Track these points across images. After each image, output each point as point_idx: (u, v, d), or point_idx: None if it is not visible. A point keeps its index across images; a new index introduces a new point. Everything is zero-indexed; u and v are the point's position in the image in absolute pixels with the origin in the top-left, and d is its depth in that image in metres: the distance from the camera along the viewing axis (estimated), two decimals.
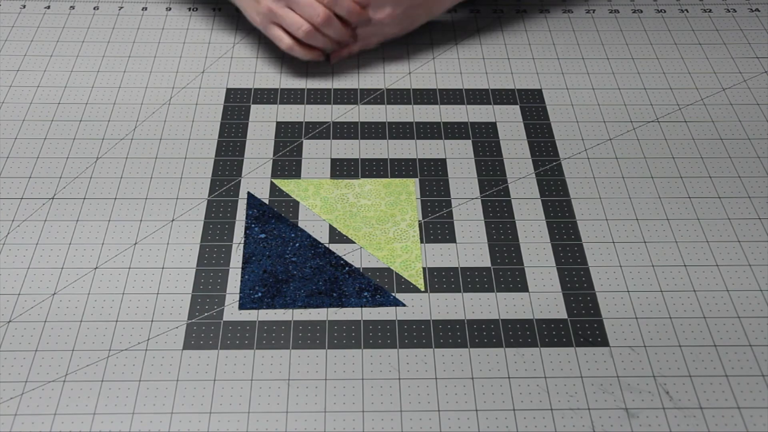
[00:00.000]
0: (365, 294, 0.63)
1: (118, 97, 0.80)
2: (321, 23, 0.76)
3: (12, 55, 0.85)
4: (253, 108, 0.79)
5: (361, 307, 0.62)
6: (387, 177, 0.72)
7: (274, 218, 0.68)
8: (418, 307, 0.62)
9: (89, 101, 0.79)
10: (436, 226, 0.68)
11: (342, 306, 0.62)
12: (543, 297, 0.63)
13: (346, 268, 0.65)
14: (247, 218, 0.68)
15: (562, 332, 0.61)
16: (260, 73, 0.83)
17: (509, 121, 0.78)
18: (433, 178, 0.72)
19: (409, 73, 0.83)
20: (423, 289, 0.63)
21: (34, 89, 0.81)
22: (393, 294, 0.63)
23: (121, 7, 0.91)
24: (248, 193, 0.71)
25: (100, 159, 0.74)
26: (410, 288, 0.63)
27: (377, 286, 0.63)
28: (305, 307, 0.62)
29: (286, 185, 0.72)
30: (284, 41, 0.79)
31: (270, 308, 0.62)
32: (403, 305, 0.62)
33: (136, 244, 0.66)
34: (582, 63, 0.85)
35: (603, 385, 0.57)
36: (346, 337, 0.60)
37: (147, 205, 0.69)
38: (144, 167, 0.73)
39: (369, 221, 0.68)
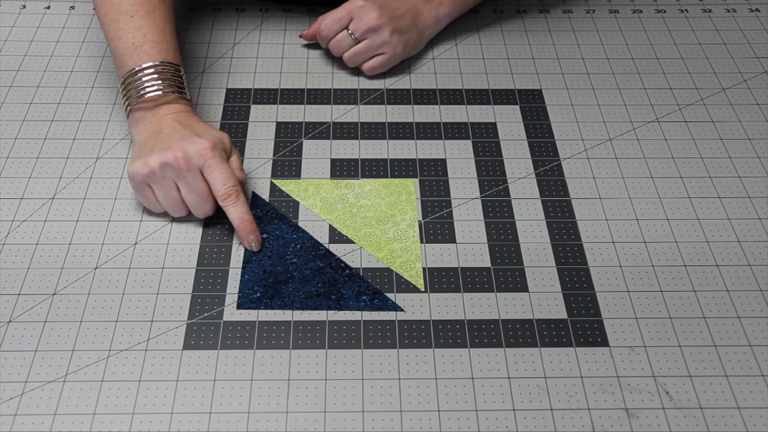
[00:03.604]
0: (364, 297, 0.63)
1: (118, 97, 0.80)
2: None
3: (12, 55, 0.85)
4: (253, 108, 0.79)
5: (360, 310, 0.62)
6: (387, 177, 0.72)
7: (276, 219, 0.68)
8: (418, 307, 0.62)
9: (89, 101, 0.79)
10: (436, 226, 0.68)
11: (340, 309, 0.62)
12: (543, 297, 0.63)
13: (346, 271, 0.64)
14: None
15: (562, 332, 0.61)
16: (260, 73, 0.83)
17: (509, 121, 0.78)
18: (433, 178, 0.72)
19: (409, 73, 0.83)
20: (423, 289, 0.63)
21: (34, 89, 0.81)
22: (393, 295, 0.63)
23: None
24: (252, 192, 0.71)
25: (100, 159, 0.73)
26: (410, 288, 0.63)
27: (376, 290, 0.63)
28: (303, 309, 0.62)
29: (286, 185, 0.72)
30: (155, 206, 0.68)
31: (268, 309, 0.62)
32: (402, 310, 0.62)
33: (136, 244, 0.66)
34: (582, 63, 0.85)
35: (603, 385, 0.57)
36: (346, 337, 0.60)
37: None
38: None
39: (369, 221, 0.68)
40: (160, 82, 0.69)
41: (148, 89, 0.68)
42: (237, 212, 0.65)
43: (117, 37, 0.71)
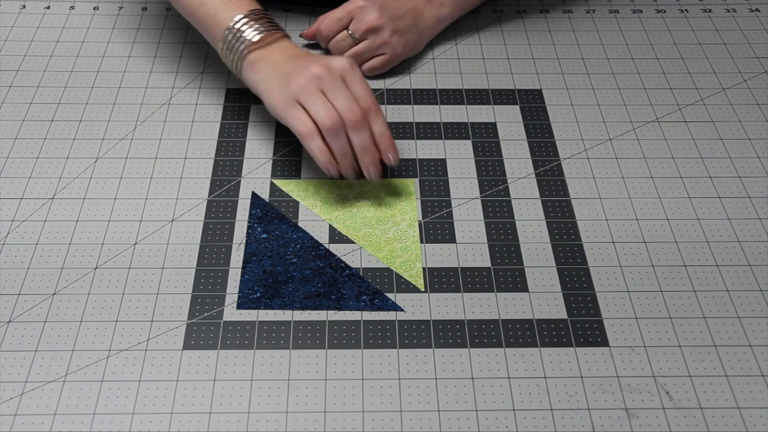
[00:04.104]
0: (364, 297, 0.63)
1: (118, 97, 0.80)
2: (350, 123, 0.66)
3: (12, 55, 0.85)
4: (253, 108, 0.79)
5: (360, 310, 0.62)
6: (387, 177, 0.72)
7: (277, 218, 0.68)
8: (418, 307, 0.62)
9: (89, 101, 0.79)
10: (436, 226, 0.68)
11: (340, 309, 0.62)
12: (543, 297, 0.63)
13: (346, 271, 0.64)
14: (250, 218, 0.68)
15: (562, 332, 0.61)
16: None
17: (509, 121, 0.78)
18: (433, 178, 0.72)
19: (409, 73, 0.83)
20: (423, 289, 0.63)
21: (34, 89, 0.81)
22: (393, 295, 0.63)
23: (121, 8, 0.91)
24: (252, 192, 0.71)
25: (100, 159, 0.74)
26: (410, 288, 0.63)
27: (376, 290, 0.63)
28: (303, 309, 0.62)
29: (286, 185, 0.72)
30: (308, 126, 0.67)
31: (268, 309, 0.62)
32: (402, 310, 0.62)
33: (136, 244, 0.66)
34: (582, 63, 0.85)
35: (603, 385, 0.57)
36: (346, 337, 0.60)
37: (147, 205, 0.69)
38: (144, 167, 0.73)
39: (369, 221, 0.68)
40: (261, 24, 0.71)
41: (257, 31, 0.70)
42: (378, 127, 0.67)
43: (203, 4, 0.73)
